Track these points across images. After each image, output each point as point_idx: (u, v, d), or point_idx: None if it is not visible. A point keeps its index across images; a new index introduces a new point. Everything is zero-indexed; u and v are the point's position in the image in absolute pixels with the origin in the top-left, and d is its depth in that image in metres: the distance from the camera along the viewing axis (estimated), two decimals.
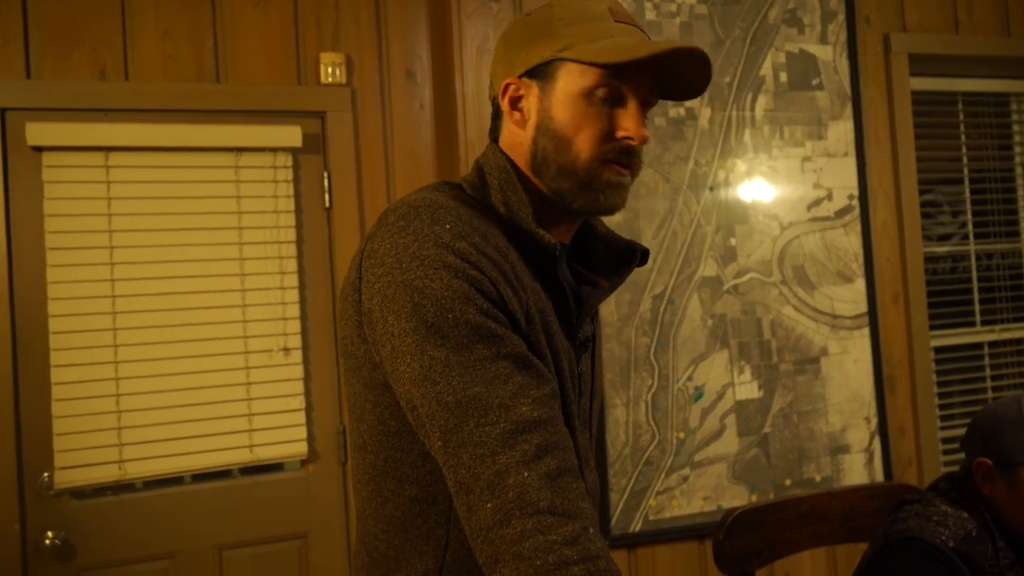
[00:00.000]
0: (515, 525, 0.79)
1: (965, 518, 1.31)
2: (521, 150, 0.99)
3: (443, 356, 0.84)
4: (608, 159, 0.95)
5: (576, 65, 0.94)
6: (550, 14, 0.97)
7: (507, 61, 0.99)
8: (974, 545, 1.27)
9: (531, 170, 0.99)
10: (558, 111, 0.95)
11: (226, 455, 2.16)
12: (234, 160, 2.19)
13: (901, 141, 2.65)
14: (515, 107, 0.99)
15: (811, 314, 2.52)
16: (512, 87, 0.98)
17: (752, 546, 1.58)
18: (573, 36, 0.94)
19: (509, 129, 1.01)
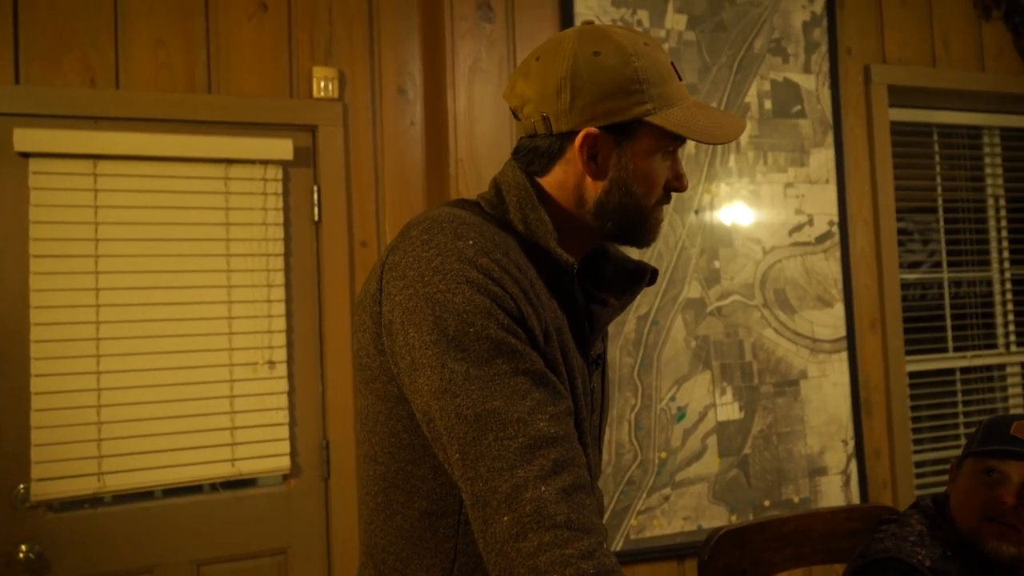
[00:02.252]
0: (532, 539, 0.80)
1: (940, 538, 1.35)
2: (579, 192, 1.00)
3: (463, 369, 0.85)
4: (660, 202, 1.02)
5: (656, 129, 0.97)
6: (632, 70, 0.96)
7: (579, 108, 0.96)
8: (951, 564, 1.30)
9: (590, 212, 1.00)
10: (639, 168, 0.98)
11: (208, 468, 2.13)
12: (224, 171, 2.18)
13: (880, 170, 2.71)
14: (592, 158, 0.98)
15: (791, 337, 2.57)
16: (591, 138, 0.97)
17: (736, 565, 1.59)
18: (657, 99, 0.96)
19: (569, 172, 1.00)
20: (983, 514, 1.33)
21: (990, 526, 1.31)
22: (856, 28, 2.73)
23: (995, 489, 1.33)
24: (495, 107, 2.25)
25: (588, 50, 0.97)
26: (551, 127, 0.98)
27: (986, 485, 1.34)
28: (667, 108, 0.97)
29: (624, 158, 0.98)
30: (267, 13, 2.21)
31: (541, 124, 0.99)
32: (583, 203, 1.00)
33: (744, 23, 2.54)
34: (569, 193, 1.01)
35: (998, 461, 1.34)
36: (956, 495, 1.39)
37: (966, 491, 1.37)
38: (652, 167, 0.99)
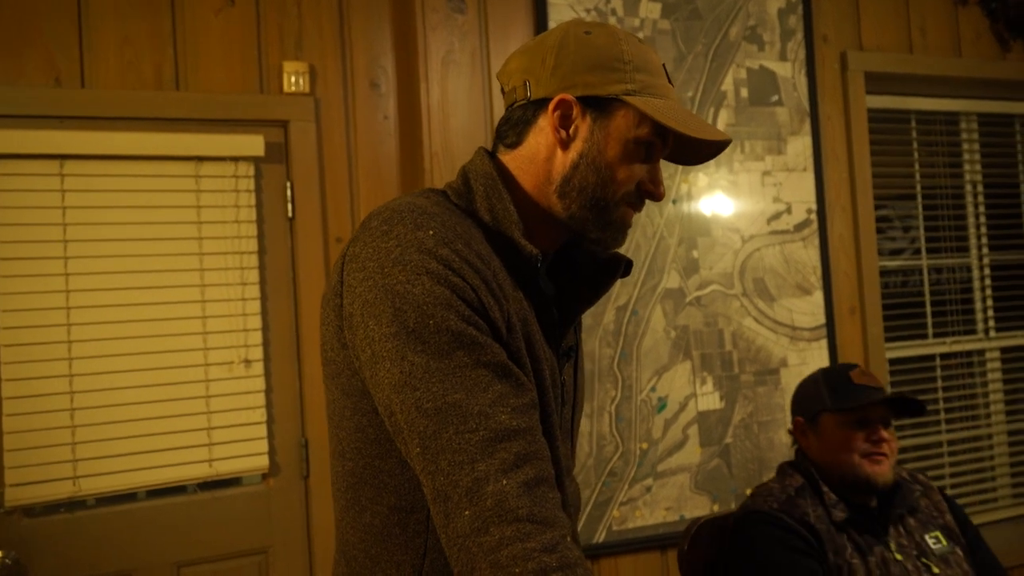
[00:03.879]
0: (493, 533, 0.79)
1: (788, 484, 1.59)
2: (547, 167, 0.99)
3: (423, 362, 0.84)
4: (630, 202, 1.00)
5: (635, 112, 0.95)
6: (619, 50, 0.97)
7: (560, 75, 0.96)
8: (794, 502, 1.54)
9: (556, 190, 0.98)
10: (610, 148, 0.97)
11: (185, 469, 2.11)
12: (194, 169, 2.15)
13: (857, 157, 2.71)
14: (563, 126, 0.97)
15: (771, 326, 2.56)
16: (566, 104, 0.96)
17: (715, 556, 1.59)
18: (640, 84, 0.96)
19: (542, 141, 0.99)
20: (861, 454, 1.55)
21: (866, 460, 1.55)
22: (832, 15, 2.72)
23: (865, 431, 1.56)
24: (469, 100, 2.23)
25: (581, 29, 0.98)
26: (530, 91, 0.98)
27: (857, 430, 1.57)
28: (648, 96, 0.96)
29: (596, 134, 0.97)
30: (234, 8, 2.18)
31: (522, 89, 0.99)
32: (550, 179, 0.99)
33: (719, 11, 2.53)
34: (539, 168, 0.99)
35: (860, 410, 1.57)
36: (825, 448, 1.60)
37: (840, 442, 1.57)
38: (625, 155, 0.97)
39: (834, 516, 1.52)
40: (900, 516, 1.56)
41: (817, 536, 1.49)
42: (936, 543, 1.54)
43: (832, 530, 1.51)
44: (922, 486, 1.66)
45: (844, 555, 1.48)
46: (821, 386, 1.65)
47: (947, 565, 1.51)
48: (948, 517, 1.60)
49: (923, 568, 1.49)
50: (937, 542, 1.54)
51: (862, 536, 1.51)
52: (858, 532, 1.51)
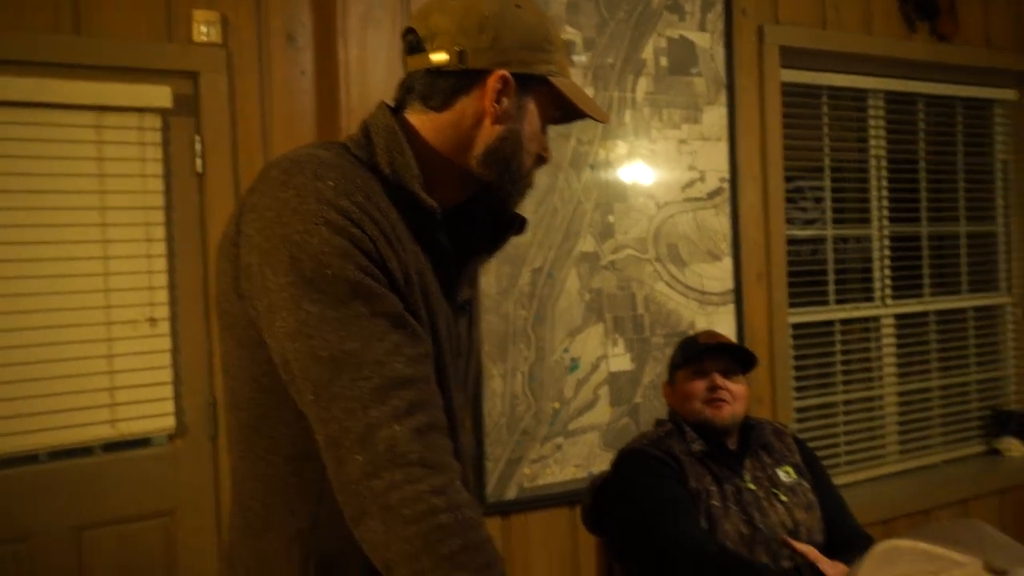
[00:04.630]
0: (384, 477, 0.81)
1: (659, 429, 1.82)
2: (472, 133, 1.00)
3: (319, 311, 0.84)
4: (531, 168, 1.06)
5: (554, 92, 1.02)
6: (546, 30, 1.01)
7: (499, 49, 0.98)
8: (663, 440, 1.76)
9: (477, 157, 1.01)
10: (530, 124, 1.02)
11: (87, 431, 2.06)
12: (96, 119, 2.06)
13: (770, 129, 2.79)
14: (497, 100, 0.99)
15: (682, 290, 2.64)
16: (505, 81, 0.98)
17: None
18: (558, 65, 1.02)
19: (468, 109, 1.00)
20: (702, 400, 1.77)
21: (707, 406, 1.76)
22: None
23: (705, 380, 1.78)
24: (388, 57, 2.19)
25: (512, 2, 1.00)
26: (466, 61, 0.98)
27: (698, 380, 1.79)
28: (562, 76, 1.02)
29: (523, 111, 1.01)
30: None
31: (455, 57, 0.98)
32: (471, 146, 1.00)
33: None
34: (461, 134, 1.00)
35: (700, 363, 1.80)
36: (679, 399, 1.83)
37: (686, 392, 1.80)
38: (538, 130, 1.04)
39: (692, 448, 1.72)
40: (755, 452, 1.76)
41: (680, 465, 1.69)
42: (786, 476, 1.74)
43: (693, 461, 1.70)
44: (773, 428, 1.86)
45: (703, 482, 1.67)
46: (677, 350, 1.89)
47: (794, 494, 1.71)
48: (797, 457, 1.80)
49: (773, 496, 1.69)
50: (787, 476, 1.74)
51: (720, 469, 1.70)
52: (716, 465, 1.71)
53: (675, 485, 1.65)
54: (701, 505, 1.65)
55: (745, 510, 1.66)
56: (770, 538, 1.64)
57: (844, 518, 1.76)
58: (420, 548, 0.79)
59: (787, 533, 1.65)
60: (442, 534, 0.80)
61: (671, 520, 1.59)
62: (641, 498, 1.65)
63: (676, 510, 1.61)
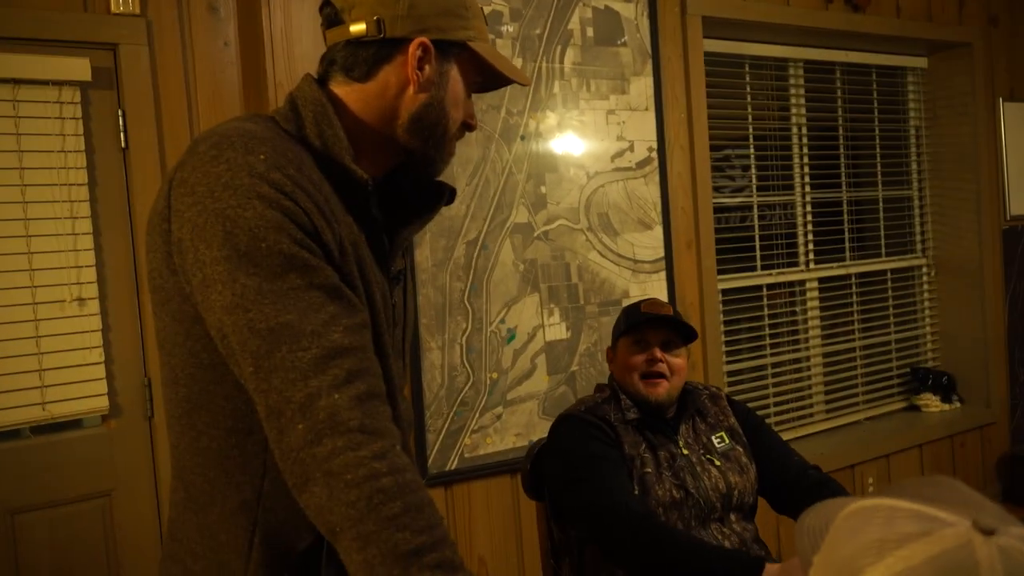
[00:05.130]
0: (326, 443, 0.82)
1: (597, 396, 1.81)
2: (397, 102, 1.01)
3: (256, 284, 0.85)
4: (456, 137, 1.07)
5: (474, 57, 1.03)
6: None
7: (416, 16, 0.98)
8: (599, 407, 1.76)
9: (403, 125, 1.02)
10: (452, 90, 1.03)
11: (15, 413, 2.01)
12: (11, 93, 2.00)
13: (695, 98, 2.85)
14: (419, 67, 1.00)
15: (614, 259, 2.69)
16: (424, 48, 0.99)
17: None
18: (475, 30, 1.03)
19: (391, 78, 1.00)
20: (639, 373, 1.75)
21: (645, 382, 1.74)
22: None
23: (643, 352, 1.76)
24: (314, 28, 2.17)
25: None
26: (384, 30, 0.98)
27: (636, 352, 1.77)
28: (482, 44, 1.04)
29: (445, 77, 1.02)
30: None
31: (373, 26, 0.98)
32: (396, 115, 1.01)
33: None
34: (386, 104, 1.01)
35: (640, 333, 1.77)
36: (618, 369, 1.81)
37: (623, 362, 1.78)
38: (461, 96, 1.05)
39: (627, 416, 1.72)
40: (690, 418, 1.78)
41: (615, 432, 1.70)
42: (720, 442, 1.76)
43: (629, 428, 1.71)
44: (709, 393, 1.87)
45: (638, 449, 1.69)
46: (620, 316, 1.86)
47: (727, 460, 1.74)
48: (732, 420, 1.82)
49: (707, 462, 1.72)
50: (721, 441, 1.77)
51: (655, 435, 1.72)
52: (651, 432, 1.73)
53: (607, 448, 1.67)
54: (635, 472, 1.67)
55: (678, 475, 1.68)
56: (701, 501, 1.67)
57: (789, 456, 1.82)
58: (363, 511, 0.81)
59: (720, 496, 1.69)
60: (384, 497, 0.81)
61: (599, 478, 1.61)
62: (573, 460, 1.67)
63: (605, 470, 1.63)
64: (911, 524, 0.55)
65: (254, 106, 2.22)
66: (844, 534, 0.58)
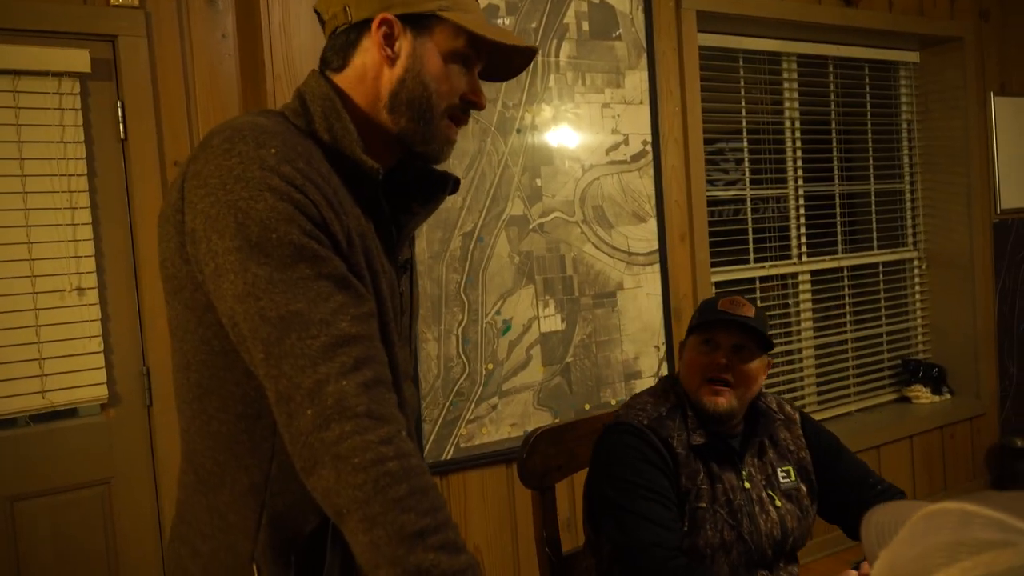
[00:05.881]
0: (334, 428, 0.85)
1: (661, 402, 1.60)
2: (376, 84, 1.02)
3: (267, 273, 0.87)
4: (452, 115, 1.04)
5: (451, 26, 1.00)
6: None
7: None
8: (663, 422, 1.56)
9: (385, 106, 1.02)
10: (431, 62, 1.01)
11: (16, 402, 2.03)
12: (11, 84, 2.01)
13: (689, 92, 2.88)
14: (388, 44, 1.00)
15: (609, 251, 2.72)
16: (388, 23, 1.00)
17: (552, 462, 1.71)
18: (451, 0, 1.01)
19: (369, 61, 1.02)
20: (703, 377, 1.56)
21: (708, 387, 1.55)
22: None
23: (711, 355, 1.56)
24: (312, 21, 2.19)
25: None
26: (350, 15, 1.01)
27: (704, 353, 1.57)
28: (460, 11, 1.01)
29: (418, 50, 1.01)
30: None
31: (342, 14, 1.01)
32: (379, 96, 1.02)
33: None
34: (368, 87, 1.02)
35: (711, 332, 1.57)
36: (683, 368, 1.63)
37: (689, 361, 1.60)
38: (447, 68, 1.02)
39: (693, 439, 1.54)
40: (759, 445, 1.60)
41: (675, 458, 1.53)
42: (785, 477, 1.59)
43: (690, 455, 1.54)
44: (785, 417, 1.66)
45: (696, 479, 1.53)
46: (696, 312, 1.65)
47: (789, 500, 1.58)
48: (804, 454, 1.62)
49: (768, 500, 1.56)
50: (787, 476, 1.59)
51: (718, 464, 1.56)
52: (715, 460, 1.56)
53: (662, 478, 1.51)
54: (688, 505, 1.52)
55: (734, 515, 1.53)
56: (752, 547, 1.53)
57: (873, 486, 1.62)
58: (370, 493, 0.83)
59: (773, 544, 1.54)
60: (390, 480, 0.84)
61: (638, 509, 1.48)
62: (617, 481, 1.53)
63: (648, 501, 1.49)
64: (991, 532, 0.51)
65: (252, 97, 2.23)
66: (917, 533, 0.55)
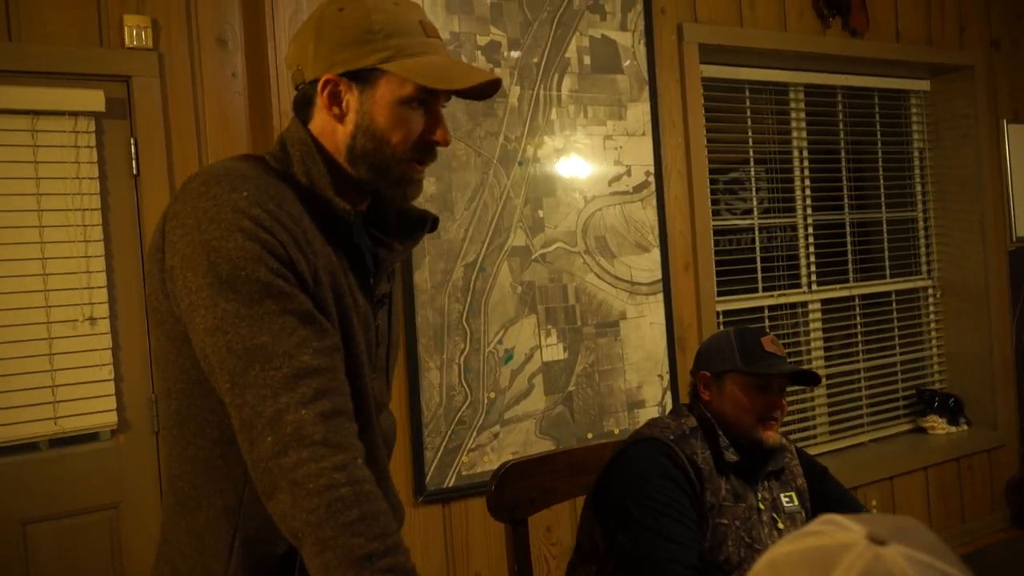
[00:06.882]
0: (291, 455, 0.90)
1: (683, 423, 1.66)
2: (334, 139, 1.08)
3: (234, 308, 0.94)
4: (414, 158, 1.08)
5: (395, 76, 1.03)
6: (368, 22, 1.03)
7: (321, 56, 1.05)
8: (687, 439, 1.62)
9: (345, 158, 1.07)
10: (379, 115, 1.05)
11: (28, 427, 2.10)
12: (31, 123, 2.11)
13: (692, 123, 2.91)
14: (334, 103, 1.06)
15: (612, 281, 2.75)
16: (331, 84, 1.05)
17: (524, 495, 1.69)
18: (393, 49, 1.03)
19: (323, 118, 1.07)
20: (757, 418, 1.63)
21: (760, 424, 1.63)
22: None
23: (766, 397, 1.64)
24: None
25: (335, 7, 1.06)
26: (303, 75, 1.08)
27: (758, 396, 1.64)
28: (405, 58, 1.04)
29: (366, 104, 1.05)
30: None
31: (298, 74, 1.08)
32: (338, 149, 1.08)
33: None
34: (329, 140, 1.08)
35: (766, 378, 1.64)
36: (728, 405, 1.66)
37: (739, 402, 1.65)
38: (398, 115, 1.05)
39: (727, 456, 1.60)
40: (770, 473, 1.68)
41: (700, 476, 1.57)
42: (789, 502, 1.68)
43: (715, 473, 1.59)
44: (785, 449, 1.75)
45: (718, 496, 1.58)
46: (733, 347, 1.68)
47: (792, 523, 1.66)
48: (801, 481, 1.72)
49: (772, 523, 1.64)
50: (790, 501, 1.68)
51: (740, 484, 1.62)
52: (738, 479, 1.62)
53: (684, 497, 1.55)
54: (710, 520, 1.57)
55: (750, 532, 1.60)
56: None
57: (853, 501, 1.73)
58: (323, 517, 0.88)
59: None
60: (342, 505, 0.89)
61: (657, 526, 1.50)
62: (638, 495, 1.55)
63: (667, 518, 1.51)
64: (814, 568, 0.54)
65: (260, 134, 2.31)
66: None
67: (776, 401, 1.64)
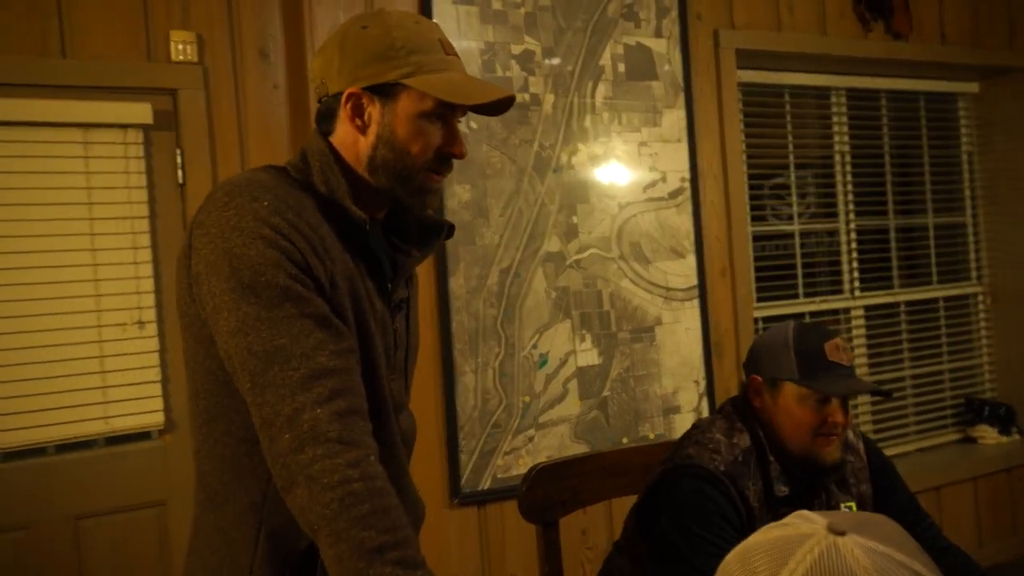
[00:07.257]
0: (307, 452, 0.95)
1: (735, 443, 1.52)
2: (355, 150, 1.13)
3: (255, 312, 0.99)
4: (432, 168, 1.14)
5: (416, 91, 1.09)
6: (391, 39, 1.09)
7: (345, 71, 1.10)
8: (740, 469, 1.49)
9: (365, 168, 1.13)
10: (400, 127, 1.11)
11: (81, 427, 2.20)
12: (83, 136, 2.21)
13: (728, 129, 2.90)
14: (357, 115, 1.11)
15: (647, 287, 2.76)
16: (355, 97, 1.11)
17: (555, 496, 1.71)
18: (414, 65, 1.09)
19: (346, 130, 1.13)
20: (816, 432, 1.49)
21: (822, 439, 1.49)
22: None
23: (824, 410, 1.49)
24: None
25: (358, 25, 1.12)
26: (327, 88, 1.13)
27: (817, 410, 1.49)
28: (425, 74, 1.10)
29: (387, 117, 1.11)
30: None
31: (322, 88, 1.14)
32: (359, 160, 1.14)
33: None
34: (350, 150, 1.14)
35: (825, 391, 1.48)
36: (781, 417, 1.52)
37: (798, 416, 1.50)
38: (418, 128, 1.11)
39: (776, 491, 1.50)
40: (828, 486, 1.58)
41: (751, 514, 1.48)
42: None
43: (766, 508, 1.49)
44: (850, 448, 1.61)
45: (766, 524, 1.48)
46: (791, 352, 1.51)
47: None
48: (865, 487, 1.60)
49: None
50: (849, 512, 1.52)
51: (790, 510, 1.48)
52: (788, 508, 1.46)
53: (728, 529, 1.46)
54: None
55: None
56: None
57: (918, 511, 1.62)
58: (336, 511, 0.93)
59: None
60: (354, 499, 0.94)
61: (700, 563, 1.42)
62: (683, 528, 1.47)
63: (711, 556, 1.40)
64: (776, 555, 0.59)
65: (301, 144, 2.37)
66: None
67: (838, 415, 1.48)
